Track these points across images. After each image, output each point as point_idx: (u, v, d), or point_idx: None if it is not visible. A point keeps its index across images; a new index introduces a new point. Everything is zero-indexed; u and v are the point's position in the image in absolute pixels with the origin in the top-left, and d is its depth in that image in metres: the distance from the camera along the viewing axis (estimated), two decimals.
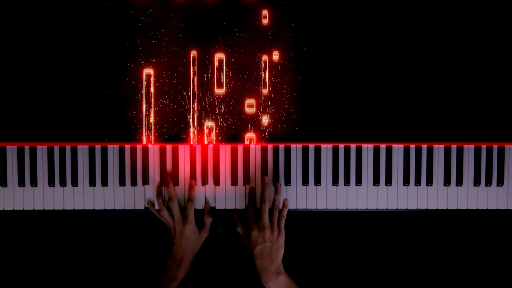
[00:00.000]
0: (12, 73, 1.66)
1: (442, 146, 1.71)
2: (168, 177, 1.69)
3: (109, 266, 1.84)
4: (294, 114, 1.69)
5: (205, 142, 1.69)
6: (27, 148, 1.69)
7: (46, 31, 1.65)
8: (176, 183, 1.70)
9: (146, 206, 1.70)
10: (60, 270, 1.84)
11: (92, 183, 1.70)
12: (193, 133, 1.68)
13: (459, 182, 1.72)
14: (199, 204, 1.71)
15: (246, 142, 1.69)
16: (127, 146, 1.70)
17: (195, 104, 1.68)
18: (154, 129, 1.68)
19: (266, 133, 1.69)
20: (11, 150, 1.69)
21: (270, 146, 1.71)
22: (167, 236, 1.69)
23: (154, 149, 1.70)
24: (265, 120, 1.69)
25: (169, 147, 1.70)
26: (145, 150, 1.70)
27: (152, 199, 1.71)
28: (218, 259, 1.84)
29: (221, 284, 1.84)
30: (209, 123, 1.69)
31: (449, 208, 1.72)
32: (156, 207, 1.70)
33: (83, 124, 1.67)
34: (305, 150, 1.71)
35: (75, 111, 1.67)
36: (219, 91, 1.68)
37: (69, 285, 1.84)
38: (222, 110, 1.69)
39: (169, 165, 1.70)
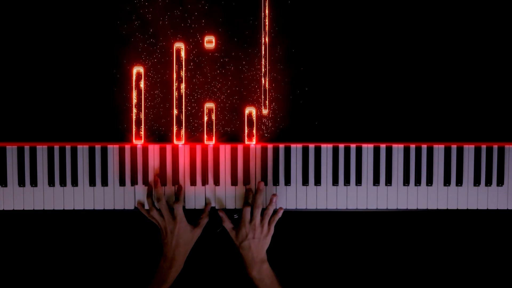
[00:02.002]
0: (12, 74, 1.66)
1: (442, 146, 1.71)
2: (156, 177, 1.68)
3: (109, 267, 1.84)
4: (294, 114, 1.68)
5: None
6: (27, 148, 1.69)
7: (45, 32, 1.65)
8: (176, 182, 1.70)
9: (136, 206, 1.70)
10: (60, 270, 1.83)
11: (92, 183, 1.70)
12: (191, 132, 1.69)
13: (459, 182, 1.72)
14: (199, 204, 1.71)
15: (246, 141, 1.69)
16: (127, 146, 1.70)
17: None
18: (153, 128, 1.68)
19: (266, 133, 1.69)
20: (11, 150, 1.69)
21: (270, 146, 1.71)
22: None
23: (154, 149, 1.70)
24: (265, 120, 1.69)
25: (169, 147, 1.70)
26: (145, 150, 1.70)
27: (142, 200, 1.70)
28: (216, 260, 1.83)
29: (219, 285, 1.84)
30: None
31: (449, 208, 1.72)
32: (146, 207, 1.69)
33: (83, 124, 1.67)
34: (305, 150, 1.71)
35: (75, 111, 1.67)
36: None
37: (69, 285, 1.83)
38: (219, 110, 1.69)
39: (169, 165, 1.70)
